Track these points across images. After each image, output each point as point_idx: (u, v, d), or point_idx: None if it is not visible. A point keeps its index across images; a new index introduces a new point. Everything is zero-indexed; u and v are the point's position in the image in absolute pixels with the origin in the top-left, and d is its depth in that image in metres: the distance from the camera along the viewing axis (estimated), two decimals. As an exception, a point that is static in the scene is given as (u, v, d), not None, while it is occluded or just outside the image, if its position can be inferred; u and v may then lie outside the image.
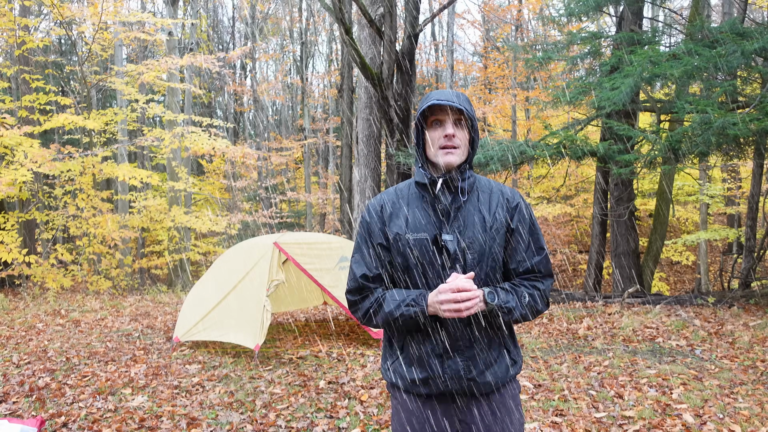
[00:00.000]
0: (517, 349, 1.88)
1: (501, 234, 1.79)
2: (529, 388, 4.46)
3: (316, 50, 24.83)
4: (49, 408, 4.31)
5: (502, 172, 8.71)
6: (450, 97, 1.74)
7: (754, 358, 5.09)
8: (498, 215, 1.79)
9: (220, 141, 12.06)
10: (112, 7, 11.63)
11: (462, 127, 1.78)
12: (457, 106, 1.73)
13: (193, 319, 6.02)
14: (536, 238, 1.83)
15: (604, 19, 12.01)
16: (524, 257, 1.81)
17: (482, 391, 1.78)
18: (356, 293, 1.83)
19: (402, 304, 1.72)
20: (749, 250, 8.50)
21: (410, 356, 1.80)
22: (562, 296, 8.82)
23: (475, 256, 1.75)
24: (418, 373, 1.78)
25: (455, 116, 1.76)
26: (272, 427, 3.90)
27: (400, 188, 1.89)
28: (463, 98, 1.77)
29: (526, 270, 1.81)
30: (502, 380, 1.80)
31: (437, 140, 1.76)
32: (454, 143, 1.75)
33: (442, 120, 1.76)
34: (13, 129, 9.98)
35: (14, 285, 13.63)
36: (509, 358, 1.83)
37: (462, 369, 1.75)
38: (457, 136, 1.75)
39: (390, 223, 1.81)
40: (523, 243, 1.81)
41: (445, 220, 1.77)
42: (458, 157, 1.76)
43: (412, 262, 1.76)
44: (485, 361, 1.77)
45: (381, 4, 8.97)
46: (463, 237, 1.75)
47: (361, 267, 1.82)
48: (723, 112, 5.93)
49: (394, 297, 1.75)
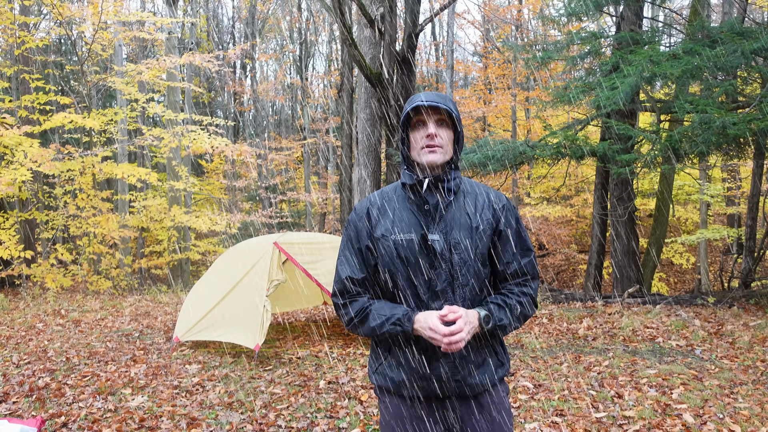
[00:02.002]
0: (504, 350, 1.88)
1: (487, 235, 1.79)
2: (529, 388, 4.46)
3: (316, 50, 24.83)
4: (49, 408, 4.31)
5: (502, 172, 8.71)
6: (432, 98, 1.76)
7: (754, 358, 5.09)
8: (484, 216, 1.80)
9: (219, 139, 12.06)
10: (112, 6, 11.62)
11: (445, 127, 1.78)
12: (440, 106, 1.74)
13: (193, 319, 6.02)
14: (523, 240, 1.84)
15: (604, 19, 12.00)
16: (512, 259, 1.82)
17: (468, 394, 1.79)
18: (342, 296, 1.82)
19: (387, 322, 1.72)
20: (749, 250, 8.50)
21: (396, 359, 1.80)
22: (562, 296, 8.82)
23: (461, 256, 1.75)
24: (404, 375, 1.78)
25: (437, 116, 1.77)
26: (272, 427, 3.89)
27: (387, 191, 1.90)
28: (446, 99, 1.79)
29: (514, 272, 1.82)
30: (489, 382, 1.80)
31: (420, 141, 1.77)
32: (437, 142, 1.76)
33: (425, 121, 1.77)
34: (13, 129, 9.98)
35: (14, 285, 13.62)
36: (496, 360, 1.83)
37: (448, 371, 1.75)
38: (439, 136, 1.76)
39: (377, 225, 1.81)
40: (511, 245, 1.82)
41: (432, 221, 1.77)
42: (441, 156, 1.76)
43: (398, 264, 1.76)
44: (471, 363, 1.78)
45: (381, 4, 8.97)
46: (449, 237, 1.75)
47: (346, 269, 1.82)
48: (723, 112, 5.92)
49: (380, 312, 1.75)
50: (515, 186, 18.24)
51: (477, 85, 24.05)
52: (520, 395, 4.30)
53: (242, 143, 16.70)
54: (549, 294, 8.92)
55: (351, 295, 1.81)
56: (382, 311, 1.74)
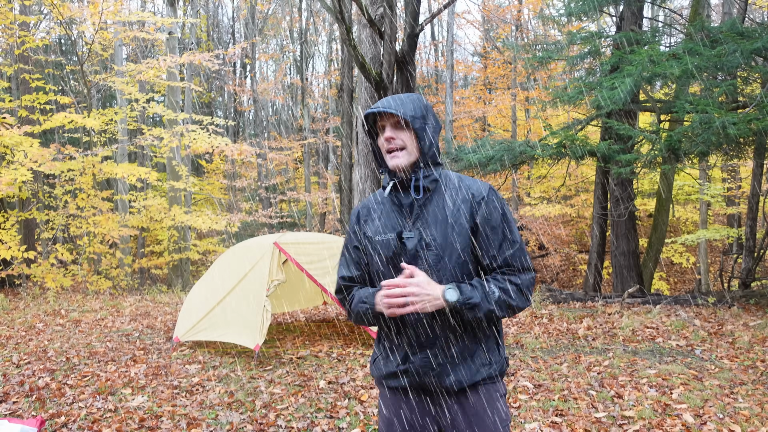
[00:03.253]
0: (498, 349, 1.84)
1: (465, 229, 1.77)
2: (529, 388, 4.46)
3: (316, 50, 24.83)
4: (49, 408, 4.31)
5: (502, 172, 8.71)
6: (385, 103, 1.81)
7: (754, 358, 5.09)
8: (461, 211, 1.79)
9: (219, 138, 12.07)
10: (112, 6, 11.62)
11: (403, 130, 1.81)
12: (385, 111, 1.79)
13: (193, 319, 6.02)
14: (508, 232, 1.79)
15: (604, 19, 12.00)
16: (496, 252, 1.78)
17: (449, 389, 1.78)
18: (339, 293, 1.95)
19: (359, 301, 1.83)
20: (749, 250, 8.50)
21: (386, 350, 1.88)
22: (562, 296, 8.82)
23: (437, 252, 1.76)
24: (391, 366, 1.85)
25: (392, 120, 1.81)
26: (272, 427, 3.89)
27: (378, 193, 1.96)
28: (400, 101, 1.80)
29: (500, 265, 1.78)
30: (470, 380, 1.78)
31: (383, 146, 1.84)
32: (395, 145, 1.80)
33: (383, 126, 1.84)
34: (13, 128, 9.98)
35: (14, 285, 13.62)
36: (485, 358, 1.80)
37: (425, 365, 1.78)
38: (398, 138, 1.80)
39: (365, 227, 1.90)
40: (494, 237, 1.78)
41: (408, 220, 1.82)
42: (404, 159, 1.80)
43: (380, 263, 1.85)
44: (452, 359, 1.77)
45: (381, 4, 8.97)
46: (424, 235, 1.78)
47: (342, 269, 1.95)
48: (723, 112, 5.92)
49: (359, 294, 1.86)
50: (515, 186, 18.24)
51: (477, 85, 24.04)
52: (520, 395, 4.30)
53: (242, 143, 16.70)
54: (549, 294, 8.93)
55: (347, 291, 1.93)
56: (359, 294, 1.86)
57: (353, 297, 1.88)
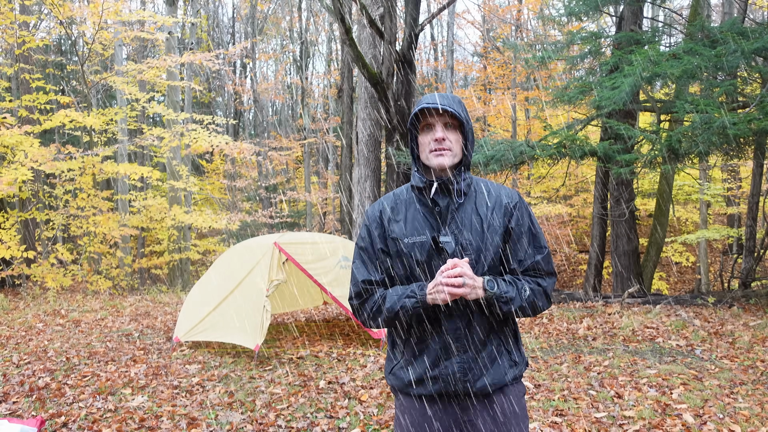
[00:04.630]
0: (519, 351, 1.87)
1: (499, 234, 1.79)
2: (529, 388, 4.46)
3: (316, 50, 24.82)
4: (49, 408, 4.31)
5: (502, 172, 8.70)
6: (439, 100, 1.75)
7: (754, 358, 5.09)
8: (495, 216, 1.80)
9: (219, 137, 12.07)
10: (113, 6, 11.62)
11: (453, 130, 1.78)
12: (447, 109, 1.74)
13: (193, 320, 6.02)
14: (536, 238, 1.84)
15: (604, 19, 12.00)
16: (525, 257, 1.81)
17: (480, 393, 1.78)
18: (359, 297, 1.85)
19: (402, 296, 1.74)
20: (749, 250, 8.50)
21: (409, 357, 1.81)
22: (562, 296, 8.82)
23: (473, 256, 1.76)
24: (416, 375, 1.79)
25: (445, 120, 1.77)
26: (272, 427, 3.90)
27: (399, 192, 1.91)
28: (454, 101, 1.78)
29: (527, 269, 1.82)
30: (500, 383, 1.79)
31: (428, 144, 1.78)
32: (445, 146, 1.76)
33: (432, 124, 1.78)
34: (13, 128, 9.98)
35: (14, 285, 13.62)
36: (510, 360, 1.82)
37: (458, 370, 1.75)
38: (447, 139, 1.77)
39: (389, 228, 1.83)
40: (523, 242, 1.82)
41: (443, 223, 1.78)
42: (450, 159, 1.77)
43: (412, 266, 1.78)
44: (483, 362, 1.77)
45: (381, 4, 8.98)
46: (460, 238, 1.76)
47: (363, 272, 1.84)
48: (723, 112, 5.92)
49: (394, 292, 1.77)
50: (515, 186, 18.24)
51: (477, 85, 24.04)
52: (524, 398, 4.30)
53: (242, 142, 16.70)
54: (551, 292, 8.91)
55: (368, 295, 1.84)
56: (396, 291, 1.77)
57: (383, 297, 1.78)
